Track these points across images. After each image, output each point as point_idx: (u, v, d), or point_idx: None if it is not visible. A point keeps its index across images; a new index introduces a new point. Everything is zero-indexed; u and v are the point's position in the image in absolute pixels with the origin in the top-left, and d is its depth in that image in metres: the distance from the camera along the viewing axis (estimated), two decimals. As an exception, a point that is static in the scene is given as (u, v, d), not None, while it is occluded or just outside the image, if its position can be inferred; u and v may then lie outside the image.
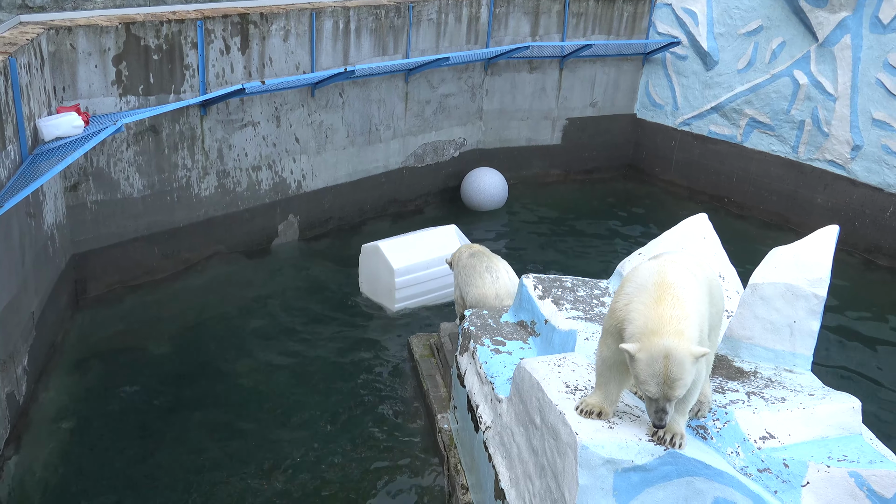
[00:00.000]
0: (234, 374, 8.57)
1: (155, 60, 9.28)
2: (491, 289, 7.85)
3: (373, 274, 10.18)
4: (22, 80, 7.35)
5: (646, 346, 4.13)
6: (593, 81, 14.99)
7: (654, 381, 4.12)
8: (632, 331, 4.23)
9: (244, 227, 11.11)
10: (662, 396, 4.15)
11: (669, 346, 4.09)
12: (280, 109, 10.97)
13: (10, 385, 6.97)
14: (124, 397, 8.05)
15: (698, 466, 4.45)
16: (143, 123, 9.43)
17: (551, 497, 4.65)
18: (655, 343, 4.11)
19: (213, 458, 7.25)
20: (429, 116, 13.24)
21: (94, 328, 9.23)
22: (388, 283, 9.91)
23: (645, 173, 15.73)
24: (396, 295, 9.87)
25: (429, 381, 7.94)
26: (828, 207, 13.10)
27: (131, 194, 9.60)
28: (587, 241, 12.98)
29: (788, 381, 5.55)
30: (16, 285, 7.21)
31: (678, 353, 4.08)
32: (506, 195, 13.75)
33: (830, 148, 12.97)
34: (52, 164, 6.99)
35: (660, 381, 4.11)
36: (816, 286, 5.60)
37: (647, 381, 4.14)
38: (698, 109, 14.64)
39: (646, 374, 4.13)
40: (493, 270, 7.97)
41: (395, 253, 9.90)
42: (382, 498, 6.87)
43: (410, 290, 9.94)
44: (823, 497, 4.78)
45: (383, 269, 9.93)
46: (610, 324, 4.46)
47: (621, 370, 4.53)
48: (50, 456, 7.16)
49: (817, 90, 12.92)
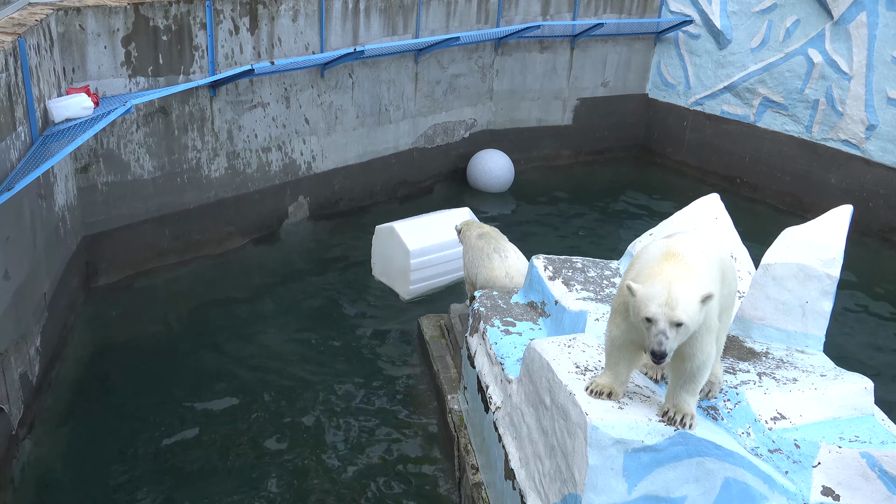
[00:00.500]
0: (246, 355, 8.60)
1: (164, 41, 9.25)
2: (500, 269, 7.80)
3: (386, 256, 10.08)
4: (31, 62, 7.34)
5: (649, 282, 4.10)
6: (605, 61, 14.87)
7: (656, 302, 4.01)
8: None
9: (254, 209, 11.11)
10: (663, 317, 4.00)
11: (674, 279, 4.06)
12: (289, 90, 10.94)
13: (23, 365, 7.01)
14: (135, 380, 8.09)
15: (709, 447, 4.43)
16: (152, 105, 9.42)
17: (561, 477, 4.65)
18: (659, 279, 4.09)
19: (227, 437, 7.29)
20: (439, 97, 13.17)
21: (106, 310, 9.27)
22: (402, 265, 9.80)
23: (656, 154, 15.63)
24: (411, 276, 9.75)
25: (439, 362, 7.94)
26: (841, 188, 12.98)
27: (141, 176, 9.61)
28: (598, 222, 12.93)
29: (800, 362, 5.52)
30: (28, 266, 7.24)
31: (682, 283, 4.05)
32: (512, 177, 13.69)
33: (845, 127, 12.84)
34: (62, 145, 6.99)
35: (661, 302, 4.01)
36: (829, 266, 5.55)
37: (647, 304, 4.03)
38: (711, 89, 14.51)
39: (647, 298, 4.04)
40: (500, 251, 7.93)
41: (410, 234, 9.77)
42: (393, 478, 6.89)
43: (425, 272, 9.84)
44: (835, 478, 4.76)
45: (398, 251, 9.81)
46: (619, 302, 4.43)
47: (631, 350, 4.51)
48: (63, 436, 7.23)
49: (832, 69, 12.77)
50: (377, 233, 10.21)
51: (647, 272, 4.19)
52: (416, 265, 9.71)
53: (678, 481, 4.44)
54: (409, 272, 9.74)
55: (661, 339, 4.00)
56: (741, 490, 4.55)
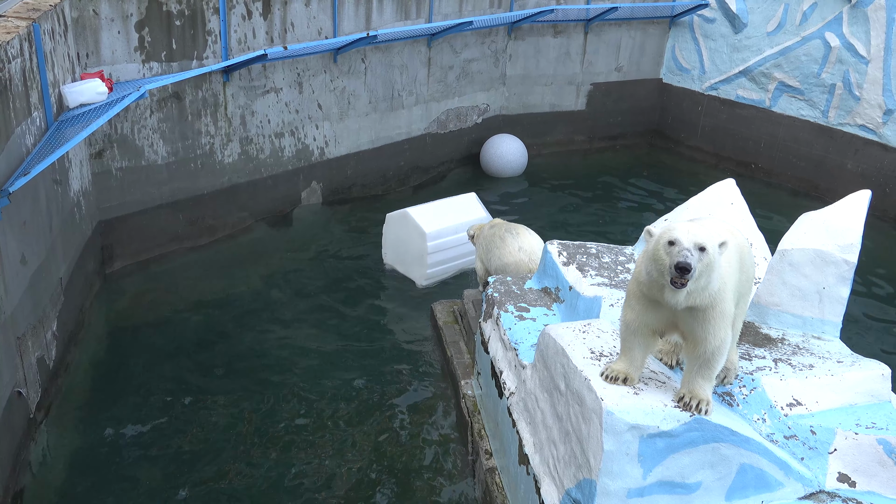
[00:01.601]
0: (259, 339, 8.64)
1: (177, 26, 9.24)
2: (513, 245, 7.73)
3: (400, 242, 9.99)
4: (46, 47, 7.36)
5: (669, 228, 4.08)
6: (619, 45, 14.76)
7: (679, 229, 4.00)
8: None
9: (267, 194, 11.12)
10: (687, 236, 3.96)
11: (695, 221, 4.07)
12: (302, 75, 10.92)
13: (40, 349, 7.07)
14: (150, 363, 8.14)
15: (724, 433, 4.42)
16: (166, 90, 9.42)
17: (576, 462, 4.65)
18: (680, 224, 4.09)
19: (242, 419, 7.34)
20: (451, 82, 13.12)
21: (121, 294, 9.33)
22: (418, 249, 9.70)
23: (671, 139, 15.53)
24: (428, 261, 9.63)
25: (452, 348, 7.95)
26: (858, 173, 12.87)
27: (155, 161, 9.63)
28: (612, 208, 12.88)
29: (816, 348, 5.49)
30: (44, 251, 7.29)
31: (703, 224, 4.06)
32: (525, 162, 13.64)
33: (862, 112, 12.70)
34: (77, 130, 7.01)
35: (684, 230, 3.99)
36: (847, 252, 5.51)
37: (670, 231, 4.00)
38: (726, 73, 14.38)
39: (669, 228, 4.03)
40: (512, 230, 7.90)
41: (424, 218, 9.68)
42: (407, 463, 6.92)
43: (441, 255, 9.75)
44: (851, 464, 4.74)
45: (413, 235, 9.71)
46: (634, 287, 4.41)
47: (647, 335, 4.49)
48: (79, 420, 7.29)
49: (849, 53, 12.63)
50: (388, 220, 10.12)
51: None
52: (432, 248, 9.60)
53: (693, 467, 4.43)
54: (426, 256, 9.62)
55: (686, 254, 3.93)
56: (756, 476, 4.55)
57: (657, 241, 4.08)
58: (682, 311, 4.24)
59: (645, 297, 4.34)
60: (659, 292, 4.17)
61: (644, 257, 4.25)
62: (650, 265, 4.13)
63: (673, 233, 4.00)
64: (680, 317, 4.31)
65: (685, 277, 3.93)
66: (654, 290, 4.21)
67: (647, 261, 4.16)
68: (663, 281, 4.07)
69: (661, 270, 4.06)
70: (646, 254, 4.21)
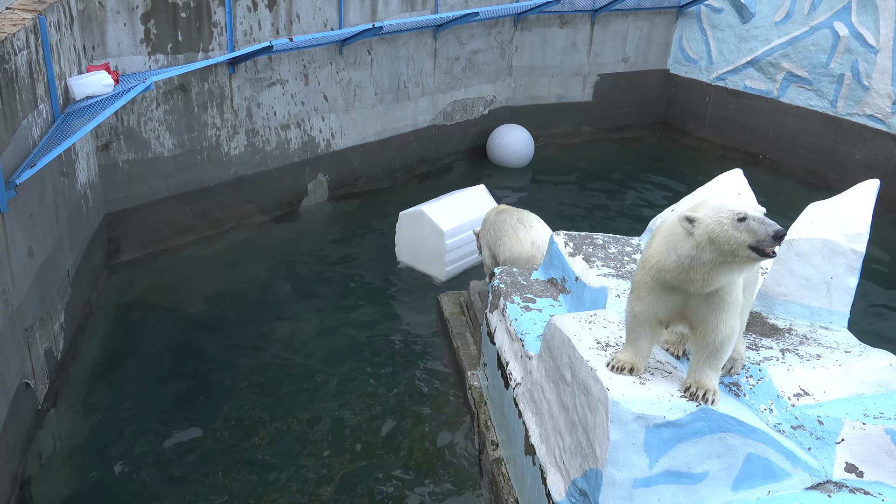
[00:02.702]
0: (266, 331, 8.65)
1: (183, 18, 9.23)
2: (526, 239, 7.63)
3: (415, 240, 9.88)
4: (52, 39, 7.36)
5: (706, 207, 4.00)
6: (625, 36, 14.70)
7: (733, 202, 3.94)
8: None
9: (274, 187, 11.13)
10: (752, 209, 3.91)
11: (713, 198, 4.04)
12: (308, 67, 10.90)
13: (48, 341, 7.10)
14: (157, 355, 8.17)
15: (731, 423, 4.40)
16: (172, 82, 9.43)
17: (582, 453, 4.64)
18: (714, 199, 4.03)
19: (247, 411, 7.36)
20: (458, 73, 13.09)
21: (128, 287, 9.36)
22: (436, 247, 9.63)
23: (678, 130, 15.47)
24: (447, 258, 9.61)
25: (459, 339, 7.95)
26: (866, 164, 12.79)
27: (162, 153, 9.64)
28: (618, 199, 12.84)
29: (824, 338, 5.47)
30: (51, 243, 7.31)
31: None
32: (532, 152, 13.61)
33: (870, 102, 12.62)
34: (83, 122, 7.02)
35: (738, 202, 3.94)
36: (855, 242, 5.48)
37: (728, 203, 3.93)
38: (733, 64, 14.31)
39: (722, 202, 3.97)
40: (524, 221, 7.82)
41: (440, 215, 9.60)
42: (413, 454, 6.93)
43: (459, 251, 9.73)
44: (858, 454, 4.72)
45: (430, 233, 9.63)
46: (642, 277, 4.36)
47: (654, 325, 4.48)
48: (86, 410, 7.32)
49: (858, 42, 12.54)
50: (402, 219, 10.00)
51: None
52: (451, 245, 9.60)
53: (700, 457, 4.42)
54: (445, 253, 9.58)
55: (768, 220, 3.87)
56: (763, 466, 4.53)
57: (718, 223, 3.91)
58: (695, 298, 4.21)
59: (659, 286, 4.28)
60: (686, 277, 4.08)
61: (675, 243, 4.11)
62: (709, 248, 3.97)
63: (737, 207, 3.91)
64: (692, 305, 4.29)
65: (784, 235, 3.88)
66: (680, 276, 4.11)
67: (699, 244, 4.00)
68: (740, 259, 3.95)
69: (730, 249, 3.92)
70: (682, 239, 4.06)
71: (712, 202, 4.03)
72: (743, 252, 3.91)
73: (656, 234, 4.41)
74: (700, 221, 3.98)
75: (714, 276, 4.06)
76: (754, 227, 3.88)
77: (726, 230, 3.90)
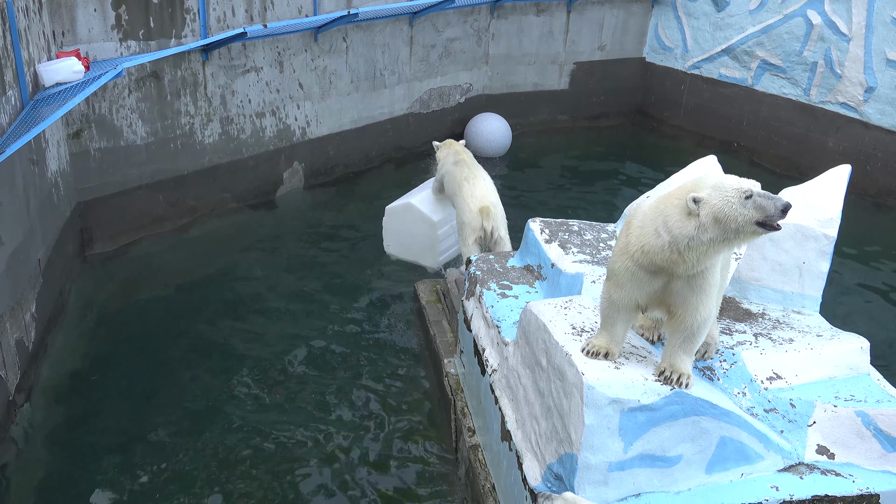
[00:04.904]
0: (242, 321, 8.60)
1: (155, 4, 9.11)
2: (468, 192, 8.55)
3: (405, 233, 9.77)
4: (20, 24, 7.23)
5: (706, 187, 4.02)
6: (601, 24, 14.71)
7: (739, 180, 3.98)
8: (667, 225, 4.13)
9: (249, 175, 11.04)
10: (755, 185, 3.99)
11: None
12: (283, 54, 10.81)
13: (18, 332, 7.00)
14: (131, 346, 8.09)
15: (704, 406, 4.44)
16: (144, 69, 9.31)
17: (557, 437, 4.66)
18: (708, 178, 4.06)
19: (222, 405, 7.31)
20: (434, 61, 13.04)
21: (101, 277, 9.25)
22: (428, 238, 9.57)
23: (654, 118, 15.53)
24: (440, 247, 9.57)
25: (435, 327, 7.94)
26: (839, 151, 12.92)
27: (134, 141, 9.52)
28: (595, 187, 12.89)
29: (796, 323, 5.53)
30: (21, 232, 7.20)
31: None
32: (509, 140, 13.60)
33: (843, 90, 12.74)
34: (53, 109, 6.91)
35: (739, 179, 3.98)
36: (827, 226, 5.54)
37: (736, 184, 3.95)
38: (708, 52, 14.38)
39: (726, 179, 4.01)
40: (470, 178, 8.68)
41: (428, 207, 9.52)
42: (389, 443, 6.92)
43: (450, 239, 9.68)
44: (830, 436, 4.79)
45: (420, 226, 9.57)
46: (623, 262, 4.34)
47: (630, 310, 4.50)
48: (58, 402, 7.24)
49: (831, 30, 12.64)
50: (389, 213, 9.83)
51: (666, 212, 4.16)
52: (443, 234, 9.57)
53: (674, 440, 4.46)
54: (438, 243, 9.55)
55: (773, 195, 3.93)
56: (736, 449, 4.58)
57: (726, 202, 3.92)
58: (678, 281, 4.23)
59: (643, 270, 4.28)
60: (679, 258, 4.10)
61: (668, 225, 4.11)
62: (712, 227, 3.97)
63: (741, 185, 3.94)
64: (673, 288, 4.30)
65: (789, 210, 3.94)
66: (671, 258, 4.12)
67: (702, 225, 4.00)
68: (744, 235, 3.98)
69: (736, 227, 3.93)
70: (679, 220, 4.06)
71: (709, 182, 4.03)
72: (749, 228, 3.94)
73: (631, 219, 4.41)
74: (705, 202, 3.97)
75: (708, 256, 4.09)
76: (762, 202, 3.90)
77: (734, 208, 3.92)
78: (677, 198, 4.13)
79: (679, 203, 4.09)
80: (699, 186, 4.06)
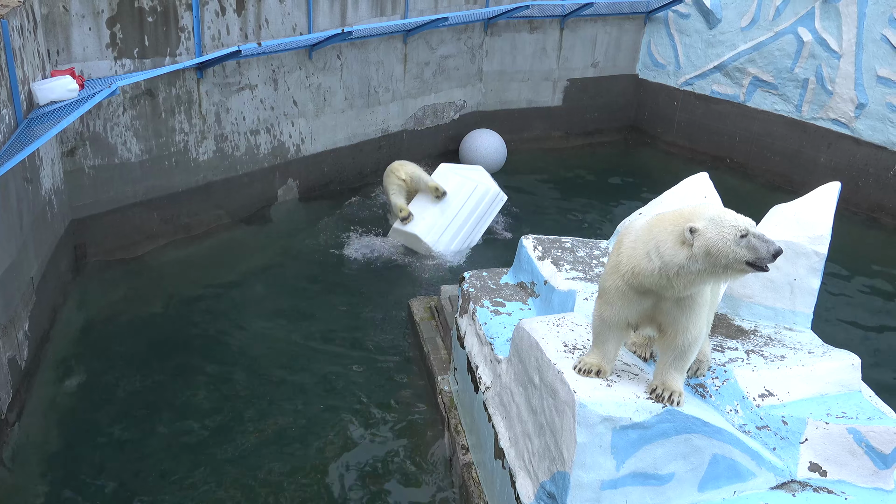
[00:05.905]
0: (235, 338, 8.59)
1: (150, 22, 9.15)
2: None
3: (412, 245, 10.69)
4: (15, 43, 7.26)
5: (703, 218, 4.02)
6: (594, 41, 14.81)
7: (737, 217, 4.00)
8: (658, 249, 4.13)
9: (243, 192, 11.05)
10: (752, 224, 4.01)
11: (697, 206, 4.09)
12: (277, 72, 10.86)
13: (11, 349, 6.98)
14: (125, 363, 8.07)
15: (696, 424, 4.45)
16: (139, 87, 9.34)
17: (550, 455, 4.66)
18: (705, 208, 4.07)
19: (215, 419, 7.29)
20: (428, 78, 13.10)
21: (95, 294, 9.23)
22: (426, 250, 10.51)
23: (647, 134, 15.61)
24: (448, 259, 10.52)
25: (429, 344, 7.95)
26: (831, 167, 13.00)
27: (129, 159, 9.54)
28: (588, 203, 12.92)
29: (788, 339, 5.55)
30: (15, 250, 7.20)
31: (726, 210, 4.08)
32: (504, 156, 13.65)
33: (834, 106, 12.84)
34: (47, 128, 6.92)
35: (736, 216, 4.00)
36: (817, 243, 5.57)
37: (732, 221, 3.97)
38: (701, 69, 14.48)
39: (722, 212, 4.02)
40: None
41: (428, 231, 10.37)
42: (384, 461, 6.91)
43: (453, 245, 10.57)
44: (822, 453, 4.80)
45: (422, 248, 10.49)
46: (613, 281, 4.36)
47: (622, 329, 4.51)
48: (51, 420, 7.22)
49: (821, 47, 12.75)
50: (393, 232, 10.64)
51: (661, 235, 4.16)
52: (443, 252, 10.47)
53: (666, 458, 4.47)
54: (445, 257, 10.44)
55: (768, 238, 3.96)
56: (729, 466, 4.59)
57: (721, 238, 3.95)
58: (667, 302, 4.25)
59: (632, 290, 4.30)
60: (668, 283, 4.12)
61: (660, 250, 4.11)
62: (703, 259, 3.99)
63: (739, 223, 3.97)
64: (662, 308, 4.32)
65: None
66: (660, 282, 4.14)
67: (693, 255, 4.02)
68: (732, 271, 4.02)
69: (726, 263, 3.97)
70: (672, 247, 4.07)
71: (707, 213, 4.04)
72: (738, 266, 3.99)
73: (623, 238, 4.43)
74: (700, 233, 3.99)
75: (695, 284, 4.12)
76: (755, 244, 3.94)
77: (728, 245, 3.95)
78: (672, 223, 4.13)
79: (674, 230, 4.09)
80: (696, 216, 4.06)
